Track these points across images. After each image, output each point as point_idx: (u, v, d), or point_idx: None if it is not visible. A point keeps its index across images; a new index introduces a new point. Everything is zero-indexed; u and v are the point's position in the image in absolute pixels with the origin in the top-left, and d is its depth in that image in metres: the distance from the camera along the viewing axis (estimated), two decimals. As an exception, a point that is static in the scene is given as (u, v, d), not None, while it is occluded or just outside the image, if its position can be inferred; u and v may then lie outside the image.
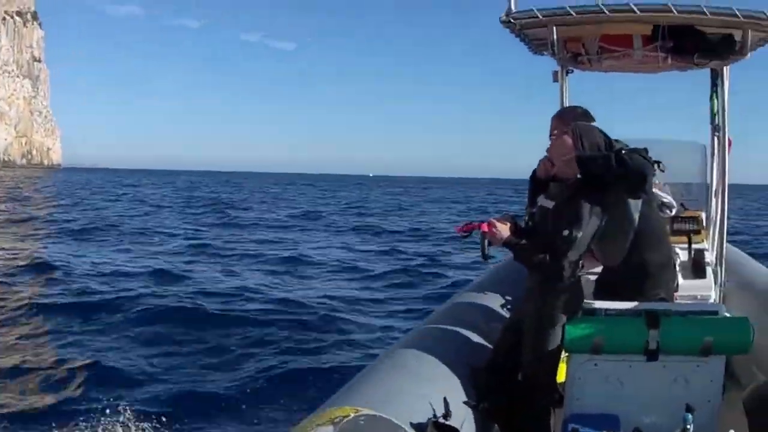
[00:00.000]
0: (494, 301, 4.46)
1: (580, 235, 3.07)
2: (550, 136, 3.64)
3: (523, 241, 3.22)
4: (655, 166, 3.38)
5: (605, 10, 3.96)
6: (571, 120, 3.59)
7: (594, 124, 3.55)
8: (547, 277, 3.19)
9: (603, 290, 3.74)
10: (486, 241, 3.24)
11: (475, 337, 3.78)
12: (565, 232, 3.06)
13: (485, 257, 3.32)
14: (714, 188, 5.08)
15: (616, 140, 3.60)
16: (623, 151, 3.22)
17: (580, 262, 3.23)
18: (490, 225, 3.23)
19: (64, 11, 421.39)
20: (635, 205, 3.47)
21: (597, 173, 3.19)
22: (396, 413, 2.68)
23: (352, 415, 2.56)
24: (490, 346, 3.69)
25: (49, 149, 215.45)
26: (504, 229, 3.21)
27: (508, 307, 4.36)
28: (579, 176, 3.21)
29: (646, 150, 3.37)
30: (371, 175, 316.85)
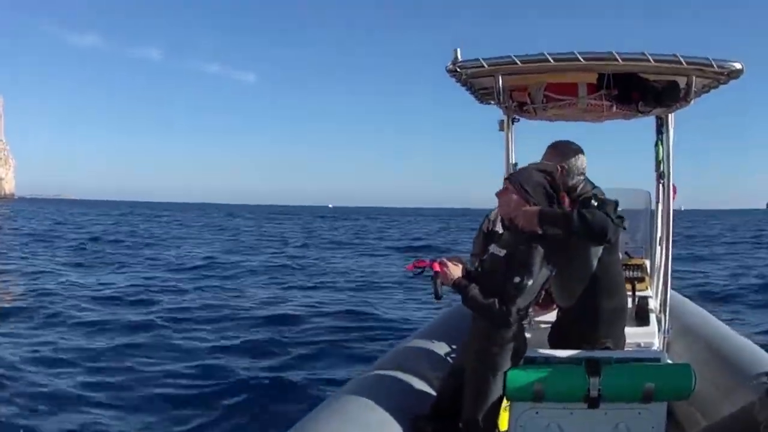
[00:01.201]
0: (440, 348, 4.44)
1: (530, 283, 3.08)
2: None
3: (473, 285, 3.19)
4: (620, 221, 3.38)
5: (550, 59, 3.95)
6: (565, 154, 3.78)
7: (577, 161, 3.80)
8: (493, 323, 3.18)
9: (556, 335, 3.85)
10: (438, 281, 3.21)
11: (419, 385, 3.78)
12: (516, 279, 3.07)
13: (437, 297, 3.28)
14: (659, 235, 5.08)
15: (594, 186, 3.80)
16: (584, 208, 3.28)
17: (529, 309, 3.29)
18: (442, 264, 3.23)
19: (24, 40, 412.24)
20: (595, 252, 3.55)
21: (557, 231, 3.22)
22: None
23: None
24: (434, 393, 3.70)
25: (1, 179, 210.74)
26: (455, 270, 3.23)
27: (452, 355, 4.33)
28: (539, 231, 3.23)
29: (616, 203, 3.42)
30: (331, 206, 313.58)
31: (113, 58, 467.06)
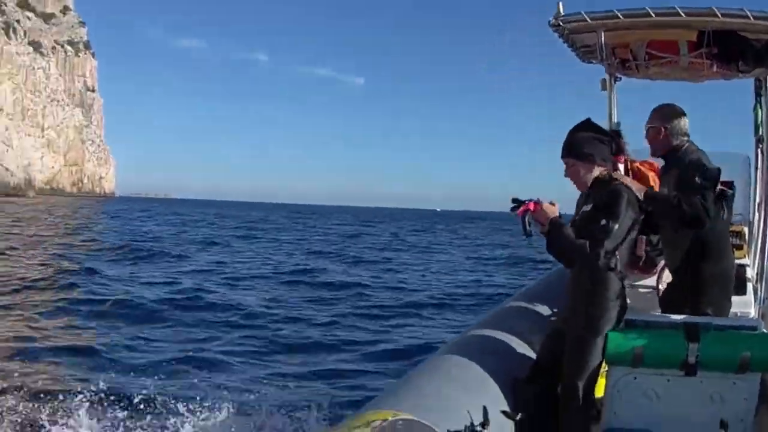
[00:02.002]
0: (542, 310, 4.43)
1: (616, 226, 3.15)
2: (647, 126, 3.93)
3: (567, 226, 3.28)
4: (723, 195, 3.60)
5: (652, 14, 3.98)
6: (667, 116, 3.85)
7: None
8: (582, 263, 3.24)
9: (665, 299, 3.92)
10: (527, 218, 3.26)
11: (519, 347, 3.76)
12: (603, 222, 3.15)
13: (526, 233, 3.29)
14: (758, 201, 5.07)
15: (698, 149, 3.86)
16: (686, 188, 3.45)
17: (616, 260, 3.25)
18: (537, 204, 3.27)
19: (127, 43, 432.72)
20: None
21: (658, 214, 3.43)
22: (434, 419, 2.71)
23: (390, 418, 2.61)
24: (533, 356, 3.69)
25: (101, 178, 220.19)
26: (551, 209, 3.24)
27: (553, 317, 4.32)
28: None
29: (718, 171, 3.58)
30: (438, 210, 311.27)
31: (219, 61, 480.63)
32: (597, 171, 3.35)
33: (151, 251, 24.54)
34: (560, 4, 4.19)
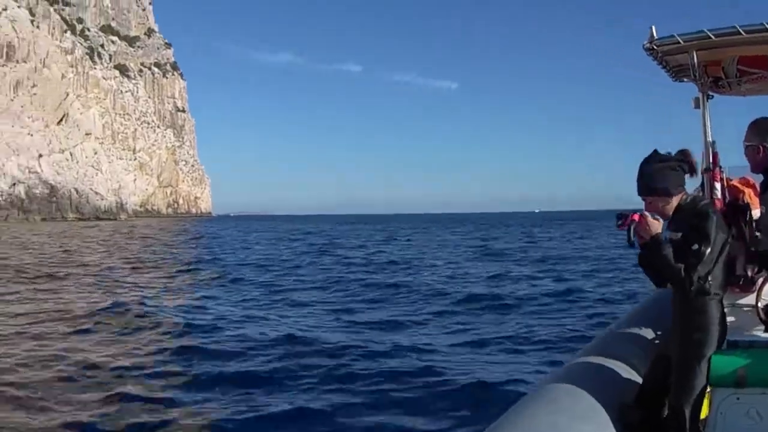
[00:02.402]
0: (647, 334, 4.38)
1: (708, 250, 3.18)
2: (744, 144, 4.05)
3: (668, 244, 3.27)
4: None
5: (742, 32, 4.10)
6: (764, 132, 3.96)
7: None
8: (674, 285, 3.32)
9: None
10: (633, 229, 3.29)
11: (625, 372, 3.76)
12: (694, 246, 3.18)
13: (630, 243, 3.34)
14: None
15: None
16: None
17: (709, 283, 3.24)
18: (643, 216, 3.28)
19: (215, 62, 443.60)
20: None
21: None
22: None
23: None
24: (639, 381, 3.70)
25: (197, 198, 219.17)
26: (654, 225, 3.27)
27: (657, 341, 4.23)
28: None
29: None
30: (537, 211, 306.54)
31: (309, 74, 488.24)
32: (676, 200, 3.37)
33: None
34: (653, 27, 4.37)
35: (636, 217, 3.28)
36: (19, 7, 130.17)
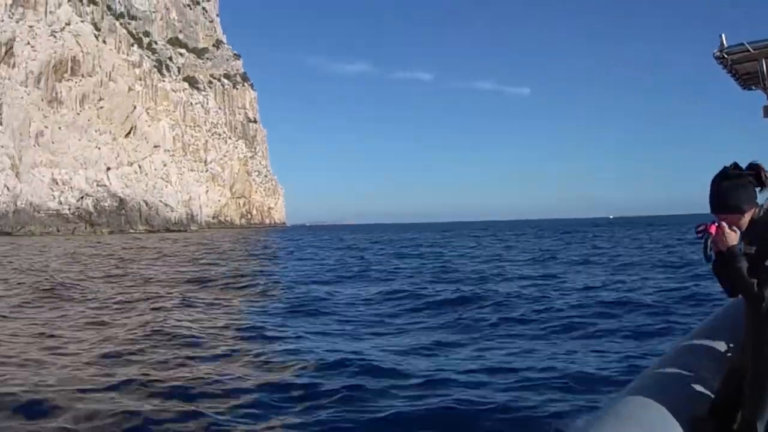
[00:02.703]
0: (719, 347, 4.33)
1: None
2: None
3: (743, 257, 3.25)
4: None
5: None
6: None
7: None
8: (747, 299, 3.28)
9: None
10: (709, 242, 3.30)
11: (697, 385, 3.75)
12: (767, 263, 3.14)
13: (706, 258, 3.36)
14: None
15: None
16: None
17: None
18: (719, 228, 3.28)
19: (288, 73, 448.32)
20: None
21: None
22: None
23: None
24: (711, 394, 3.69)
25: (270, 208, 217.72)
26: (731, 237, 3.25)
27: (730, 354, 4.17)
28: None
29: None
30: (611, 217, 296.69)
31: (382, 83, 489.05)
32: (748, 215, 3.32)
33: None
34: (723, 36, 4.35)
35: (713, 229, 3.26)
36: (82, 21, 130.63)
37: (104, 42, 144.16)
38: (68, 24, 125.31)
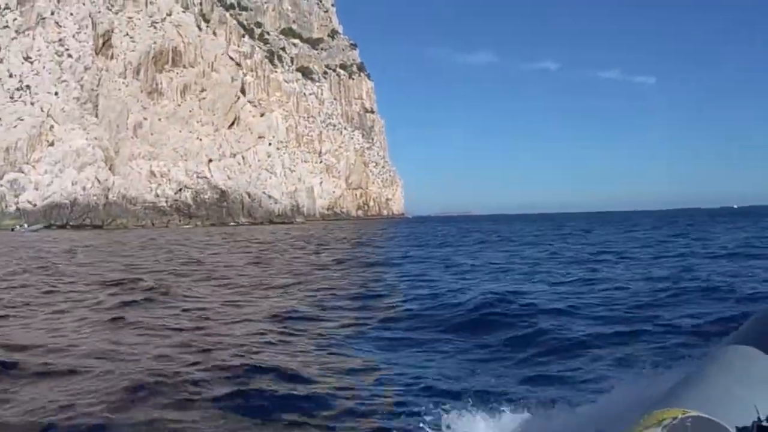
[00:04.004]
0: None
1: None
2: None
3: None
4: None
5: None
6: None
7: None
8: None
9: None
10: None
11: None
12: None
13: None
14: None
15: None
16: None
17: None
18: None
19: (407, 63, 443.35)
20: None
21: None
22: (721, 415, 2.74)
23: (680, 416, 2.71)
24: None
25: (388, 200, 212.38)
26: None
27: None
28: None
29: None
30: (735, 206, 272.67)
31: (508, 73, 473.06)
32: None
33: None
34: None
35: None
36: (184, 11, 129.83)
37: (214, 33, 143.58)
38: (169, 14, 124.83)
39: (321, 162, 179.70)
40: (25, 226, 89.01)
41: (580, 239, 43.03)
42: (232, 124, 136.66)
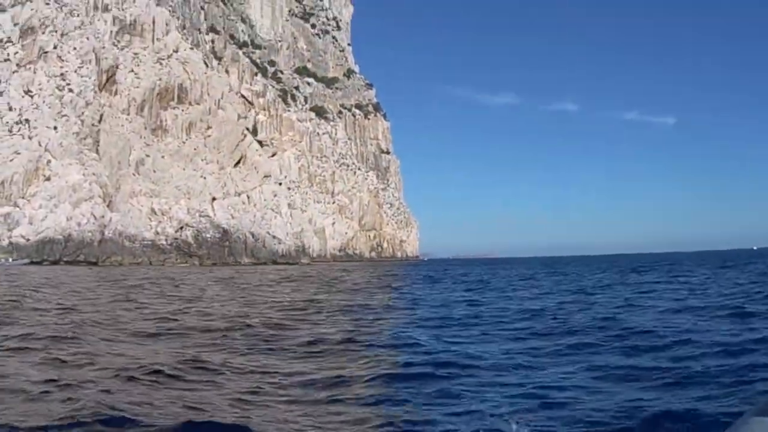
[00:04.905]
0: None
1: None
2: None
3: None
4: None
5: None
6: None
7: None
8: None
9: None
10: None
11: None
12: None
13: None
14: None
15: None
16: None
17: None
18: None
19: (430, 103, 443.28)
20: None
21: None
22: None
23: None
24: None
25: (402, 241, 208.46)
26: None
27: None
28: None
29: None
30: (755, 248, 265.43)
31: (529, 114, 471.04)
32: None
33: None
34: None
35: None
36: (192, 48, 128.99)
37: (227, 71, 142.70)
38: (176, 51, 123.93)
39: (334, 202, 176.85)
40: (10, 260, 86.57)
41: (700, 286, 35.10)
42: (238, 162, 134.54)
